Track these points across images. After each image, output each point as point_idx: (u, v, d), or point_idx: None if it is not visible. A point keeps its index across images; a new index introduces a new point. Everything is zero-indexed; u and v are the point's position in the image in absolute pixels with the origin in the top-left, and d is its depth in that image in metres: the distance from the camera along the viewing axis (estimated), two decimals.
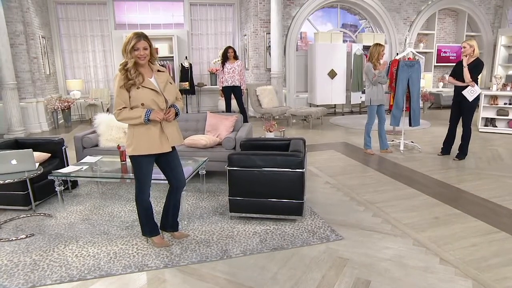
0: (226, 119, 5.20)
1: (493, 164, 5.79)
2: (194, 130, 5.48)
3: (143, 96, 2.94)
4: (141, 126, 2.98)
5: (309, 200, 4.30)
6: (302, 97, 11.20)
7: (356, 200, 4.33)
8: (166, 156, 3.17)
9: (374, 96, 6.13)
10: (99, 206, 4.36)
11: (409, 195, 4.49)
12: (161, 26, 11.55)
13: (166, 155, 3.16)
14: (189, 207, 4.24)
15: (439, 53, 12.54)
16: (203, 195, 4.57)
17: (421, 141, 7.38)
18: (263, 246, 3.31)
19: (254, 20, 10.44)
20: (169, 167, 3.24)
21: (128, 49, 2.92)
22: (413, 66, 6.38)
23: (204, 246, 3.34)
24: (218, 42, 11.86)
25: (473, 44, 5.82)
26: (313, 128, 8.85)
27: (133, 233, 3.61)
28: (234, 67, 8.01)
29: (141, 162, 3.09)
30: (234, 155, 3.67)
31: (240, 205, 3.76)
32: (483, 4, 12.51)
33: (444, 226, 3.66)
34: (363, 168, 5.66)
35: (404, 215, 3.91)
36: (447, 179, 5.08)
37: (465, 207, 4.11)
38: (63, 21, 10.70)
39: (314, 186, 4.83)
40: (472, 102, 5.82)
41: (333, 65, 10.56)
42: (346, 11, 12.08)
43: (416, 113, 6.49)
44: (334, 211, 4.02)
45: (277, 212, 3.69)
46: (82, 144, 5.15)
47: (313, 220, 3.79)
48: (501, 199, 4.34)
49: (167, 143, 3.08)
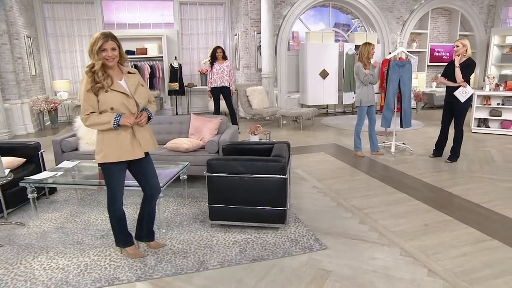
0: (210, 121, 5.02)
1: (485, 167, 5.65)
2: (178, 132, 5.30)
3: (112, 100, 2.76)
4: (111, 132, 2.80)
5: (294, 206, 4.14)
6: (294, 97, 11.04)
7: (343, 206, 4.16)
8: (139, 162, 2.99)
9: (365, 96, 5.97)
10: (76, 213, 4.17)
11: (399, 200, 4.33)
12: (150, 25, 11.35)
13: (139, 161, 2.98)
14: (169, 214, 4.07)
15: (432, 53, 12.42)
16: (184, 201, 4.39)
17: (413, 142, 7.24)
18: (242, 257, 3.13)
19: (244, 19, 10.26)
20: (142, 174, 3.07)
21: (95, 50, 2.73)
22: (404, 66, 6.22)
23: (181, 257, 3.16)
24: (208, 42, 11.67)
25: (466, 43, 5.67)
26: (304, 129, 8.69)
27: (108, 243, 3.43)
28: (223, 68, 7.83)
29: (112, 170, 2.90)
30: (213, 160, 3.50)
31: (220, 212, 3.58)
32: (476, 3, 12.40)
33: (434, 234, 3.50)
34: (352, 171, 5.49)
35: (393, 222, 3.75)
36: (438, 182, 4.93)
37: (456, 213, 3.96)
38: (49, 20, 10.47)
39: (300, 191, 4.67)
40: (464, 103, 5.68)
41: (325, 65, 10.41)
42: (339, 10, 11.93)
43: (408, 114, 6.34)
44: (319, 218, 3.86)
45: (259, 220, 3.52)
46: (61, 148, 4.95)
47: (297, 228, 3.62)
48: (493, 204, 4.20)
49: (140, 148, 2.90)
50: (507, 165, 5.75)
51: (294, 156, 6.21)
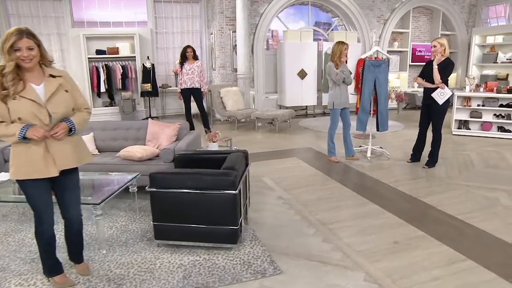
0: (167, 127, 4.62)
1: (464, 172, 5.35)
2: (135, 139, 4.89)
3: (21, 109, 2.32)
4: (20, 145, 2.38)
5: (254, 221, 3.76)
6: (272, 98, 10.67)
7: (308, 220, 3.79)
8: (61, 182, 2.57)
9: (337, 98, 5.63)
10: (12, 231, 3.73)
11: (369, 213, 3.98)
12: (123, 24, 10.86)
13: (61, 180, 2.56)
14: (115, 230, 3.66)
15: (414, 52, 12.16)
16: (135, 215, 3.98)
17: (392, 145, 6.93)
18: (185, 284, 2.74)
19: (219, 17, 9.86)
20: (61, 198, 2.65)
21: (6, 49, 2.29)
22: (379, 66, 5.90)
23: (115, 284, 2.76)
24: (184, 41, 11.18)
25: (444, 42, 5.37)
26: (280, 132, 8.32)
27: (36, 269, 3.00)
28: (193, 68, 7.43)
29: (26, 188, 2.49)
30: (157, 174, 3.10)
31: (166, 231, 3.19)
32: (457, 2, 12.19)
33: (404, 252, 3.16)
34: (324, 179, 5.14)
35: (359, 239, 3.40)
36: (414, 191, 4.60)
37: (430, 227, 3.63)
38: (14, 17, 9.90)
39: (264, 202, 4.29)
40: (443, 105, 5.37)
41: (303, 65, 10.05)
42: (318, 8, 11.60)
43: (384, 117, 6.01)
44: (279, 235, 3.48)
45: (208, 240, 3.14)
46: (4, 157, 4.49)
47: (252, 248, 3.24)
48: (470, 215, 3.88)
49: (54, 166, 2.45)
50: (486, 170, 5.46)
51: (264, 162, 5.85)
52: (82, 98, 2.67)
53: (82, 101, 2.66)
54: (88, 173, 3.97)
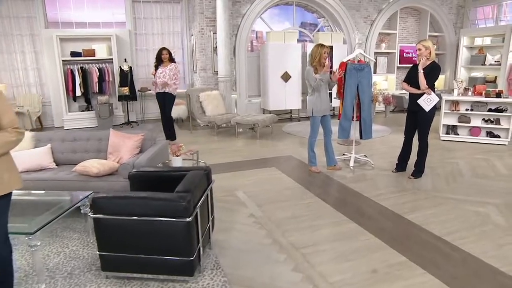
0: (129, 138, 4.22)
1: (452, 184, 5.03)
2: (96, 151, 4.49)
3: None
4: None
5: (218, 245, 3.38)
6: (255, 102, 10.29)
7: (279, 244, 3.42)
8: None
9: (317, 105, 5.27)
10: None
11: (348, 234, 3.62)
12: (100, 25, 10.41)
13: None
14: (63, 257, 3.25)
15: (401, 54, 11.88)
16: (88, 239, 3.58)
17: (377, 152, 6.61)
18: None
19: (200, 18, 9.45)
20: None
21: None
22: (362, 70, 5.56)
23: None
24: (165, 42, 10.77)
25: (429, 45, 5.04)
26: (261, 138, 7.94)
27: None
28: (165, 71, 7.02)
29: None
30: (100, 198, 2.70)
31: (114, 262, 2.80)
32: (445, 3, 11.92)
33: (382, 284, 2.80)
34: (302, 192, 4.77)
35: (334, 267, 3.03)
36: (398, 207, 4.26)
37: (413, 250, 3.28)
38: None
39: (233, 221, 3.91)
40: (429, 112, 5.05)
41: (287, 67, 9.69)
42: (304, 9, 11.26)
43: (367, 124, 5.67)
44: (245, 262, 3.11)
45: (161, 272, 2.76)
46: None
47: (212, 279, 2.86)
48: (457, 236, 3.54)
49: None
50: (475, 180, 5.15)
51: (240, 173, 5.48)
52: (8, 116, 2.28)
53: (8, 120, 2.26)
54: (36, 192, 3.58)
